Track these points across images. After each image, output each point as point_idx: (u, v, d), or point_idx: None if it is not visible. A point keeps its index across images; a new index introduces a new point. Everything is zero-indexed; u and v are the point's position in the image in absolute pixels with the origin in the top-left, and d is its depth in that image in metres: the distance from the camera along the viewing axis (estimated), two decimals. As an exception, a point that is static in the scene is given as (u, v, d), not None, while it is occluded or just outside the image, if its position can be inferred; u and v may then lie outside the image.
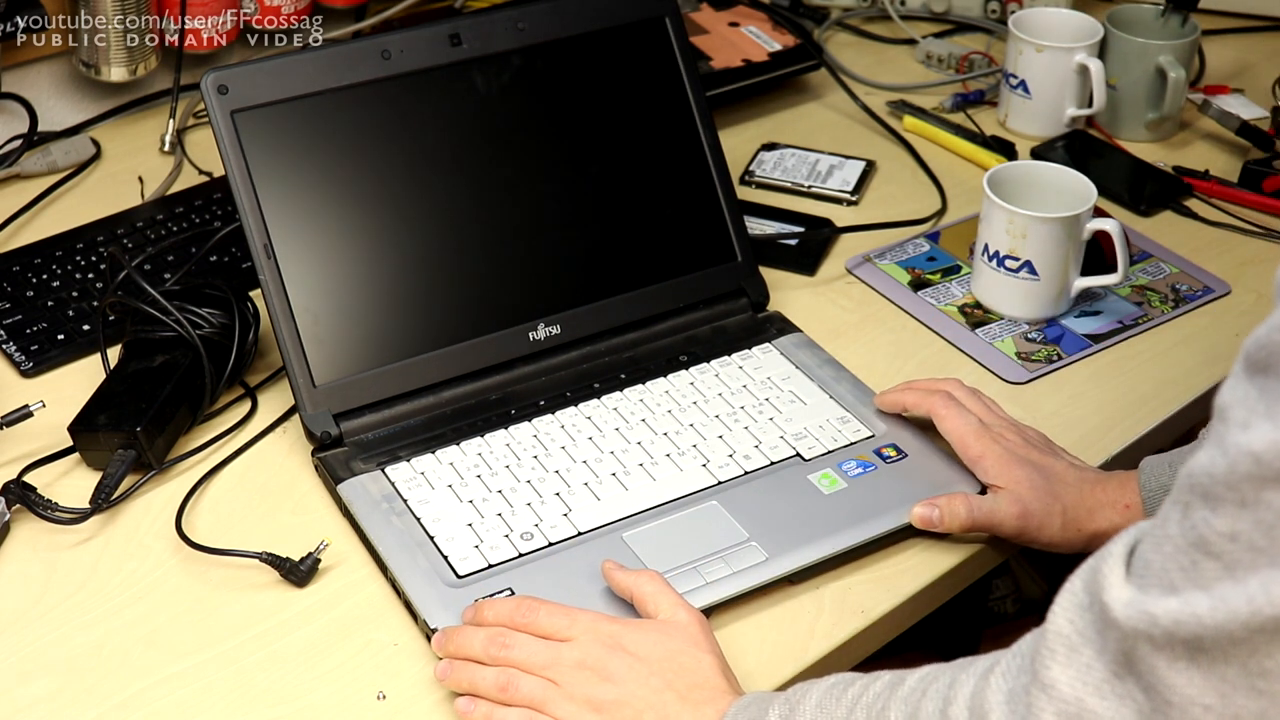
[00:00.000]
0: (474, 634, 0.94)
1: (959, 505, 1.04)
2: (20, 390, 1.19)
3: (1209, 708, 0.67)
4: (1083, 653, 0.71)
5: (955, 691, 0.77)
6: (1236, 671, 0.66)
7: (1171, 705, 0.68)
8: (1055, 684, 0.71)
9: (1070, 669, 0.71)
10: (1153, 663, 0.68)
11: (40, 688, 0.96)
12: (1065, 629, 0.72)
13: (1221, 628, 0.66)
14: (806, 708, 0.84)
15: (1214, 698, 0.67)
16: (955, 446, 1.08)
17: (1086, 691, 0.71)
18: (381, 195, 1.14)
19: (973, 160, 1.49)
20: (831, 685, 0.85)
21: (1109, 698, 0.70)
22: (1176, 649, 0.67)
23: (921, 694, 0.79)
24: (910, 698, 0.80)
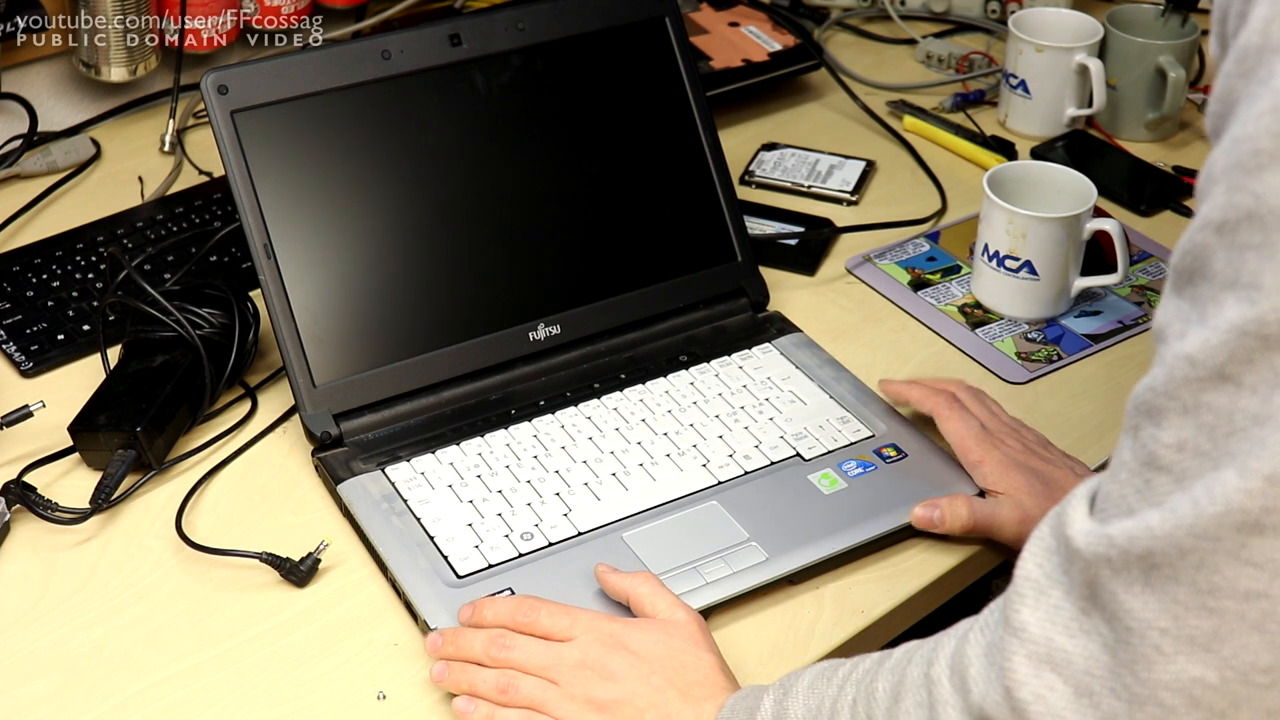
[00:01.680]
0: (474, 635, 0.94)
1: (960, 507, 1.04)
2: (20, 390, 1.19)
3: (1165, 630, 0.67)
4: (1051, 594, 0.72)
5: (937, 653, 0.78)
6: (1187, 591, 0.67)
7: (1131, 631, 0.68)
8: (1025, 627, 0.72)
9: (1039, 610, 0.72)
10: (1113, 589, 0.69)
11: (40, 688, 0.96)
12: (1033, 573, 0.73)
13: (1170, 537, 0.67)
14: (799, 690, 0.85)
15: (1168, 620, 0.67)
16: (956, 450, 1.08)
17: (1055, 630, 0.71)
18: (381, 195, 1.14)
19: (973, 160, 1.49)
20: (822, 668, 0.86)
21: (1077, 635, 0.71)
22: (1132, 570, 0.68)
23: (907, 662, 0.80)
24: (896, 667, 0.81)
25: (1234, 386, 0.66)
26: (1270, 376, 0.65)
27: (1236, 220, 0.66)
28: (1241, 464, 0.65)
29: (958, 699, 0.75)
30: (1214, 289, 0.67)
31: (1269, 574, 0.65)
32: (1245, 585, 0.66)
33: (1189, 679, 0.67)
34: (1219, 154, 0.68)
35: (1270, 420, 0.65)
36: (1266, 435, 0.65)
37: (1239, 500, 0.65)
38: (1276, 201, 0.64)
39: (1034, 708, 0.71)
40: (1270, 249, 0.65)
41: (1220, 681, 0.67)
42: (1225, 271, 0.66)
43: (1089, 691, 0.70)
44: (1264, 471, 0.64)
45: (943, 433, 1.09)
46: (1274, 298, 0.64)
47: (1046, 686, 0.71)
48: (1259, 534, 0.65)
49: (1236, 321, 0.65)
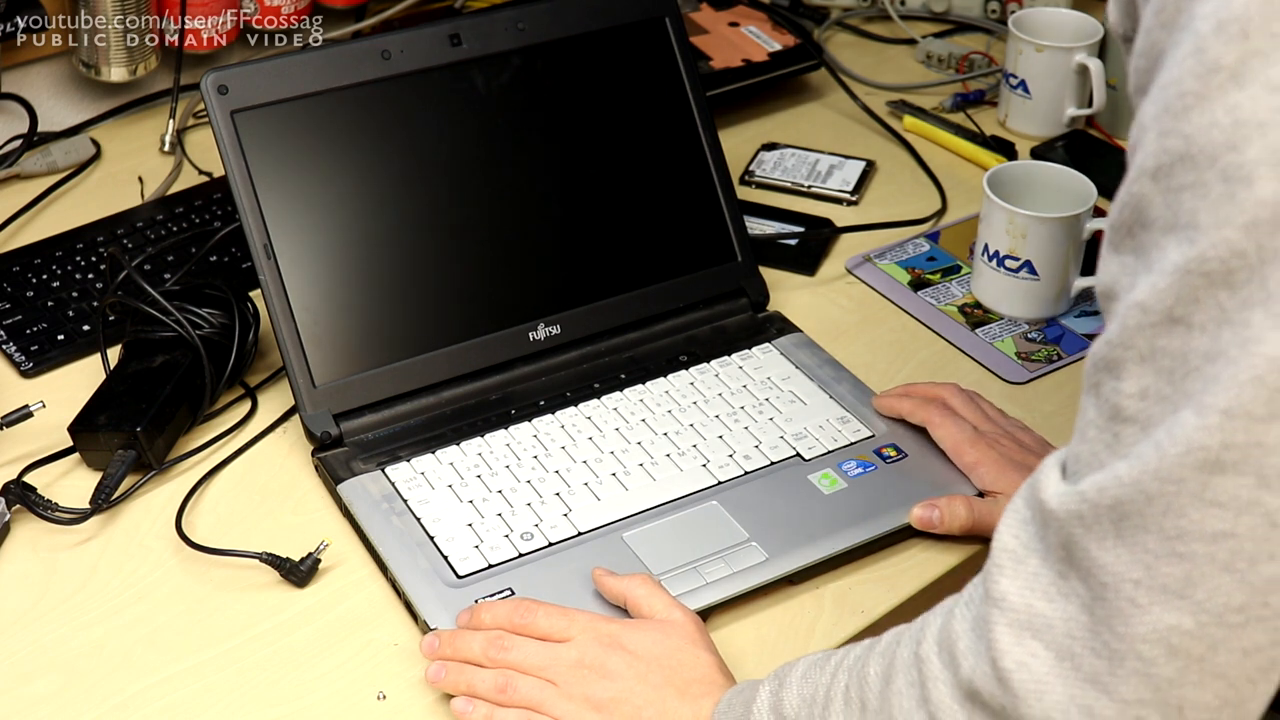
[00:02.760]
0: (472, 637, 0.94)
1: (959, 507, 1.04)
2: (20, 390, 1.19)
3: (1138, 582, 0.68)
4: (1028, 562, 0.73)
5: (925, 632, 0.79)
6: (1156, 539, 0.67)
7: (1106, 587, 0.69)
8: (1005, 596, 0.73)
9: (1018, 579, 0.73)
10: (1086, 546, 0.69)
11: (40, 688, 0.96)
12: (1010, 543, 0.74)
13: (1137, 484, 0.67)
14: (793, 680, 0.86)
15: (1140, 571, 0.68)
16: (950, 455, 1.09)
17: (1034, 597, 0.72)
18: (381, 195, 1.14)
19: (973, 160, 1.49)
20: (815, 658, 0.87)
21: (1055, 599, 0.71)
22: (1103, 524, 0.69)
23: (896, 644, 0.81)
24: (886, 651, 0.81)
25: (1185, 328, 0.67)
26: (1216, 313, 0.66)
27: (1170, 163, 0.67)
28: (1198, 402, 0.66)
29: (948, 674, 0.76)
30: (1155, 235, 0.68)
31: (1233, 512, 0.66)
32: (1212, 526, 0.66)
33: (1165, 628, 0.68)
34: (1148, 104, 0.69)
35: (1220, 356, 0.65)
36: (1218, 371, 0.65)
37: (1199, 438, 0.66)
38: (1205, 140, 0.65)
39: (1017, 676, 0.72)
40: (1203, 187, 0.66)
41: (1196, 626, 0.67)
42: (1164, 216, 0.67)
43: (1070, 654, 0.70)
44: (1219, 407, 0.65)
45: (936, 439, 1.10)
46: (1211, 234, 0.65)
47: (1029, 654, 0.72)
48: (1220, 472, 0.66)
49: (1179, 262, 0.66)
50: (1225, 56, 0.65)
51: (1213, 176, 0.65)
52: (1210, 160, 0.65)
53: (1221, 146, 0.65)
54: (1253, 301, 0.65)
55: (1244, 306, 0.65)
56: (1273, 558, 0.66)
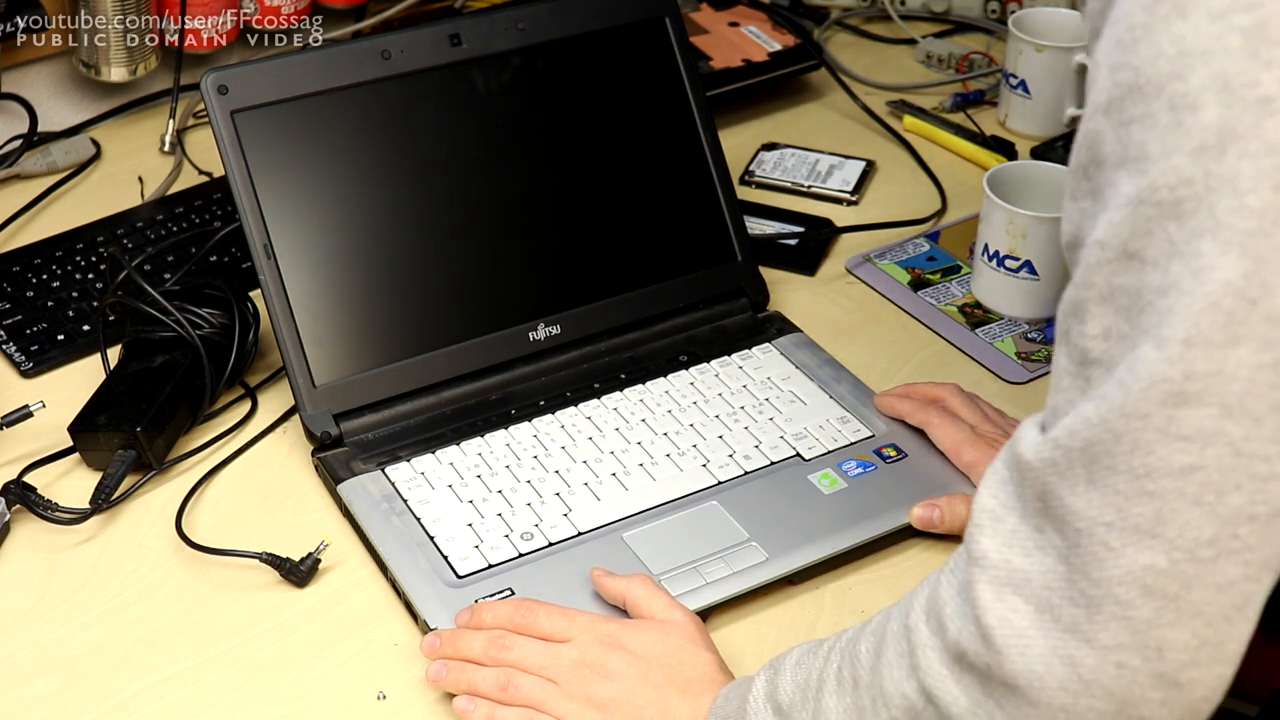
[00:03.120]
0: (473, 636, 0.94)
1: (959, 506, 1.04)
2: (20, 390, 1.19)
3: (1110, 525, 0.69)
4: (1007, 520, 0.73)
5: (912, 603, 0.79)
6: (1125, 478, 0.68)
7: (1080, 533, 0.69)
8: (985, 554, 0.74)
9: (997, 537, 0.73)
10: (1060, 493, 0.70)
11: (41, 687, 0.96)
12: (989, 504, 0.75)
13: (1104, 423, 0.68)
14: (787, 668, 0.86)
15: (1112, 513, 0.68)
16: (949, 455, 1.09)
17: (1013, 553, 0.73)
18: (381, 195, 1.14)
19: (973, 160, 1.49)
20: (809, 645, 0.87)
21: (1033, 553, 0.72)
22: (1076, 468, 0.69)
23: (885, 619, 0.82)
24: (876, 629, 0.82)
25: (1139, 263, 0.67)
26: (1166, 245, 0.66)
27: (1120, 97, 0.68)
28: (1156, 335, 0.66)
29: (936, 640, 0.76)
30: (1109, 171, 0.69)
31: (1199, 444, 0.66)
32: (1179, 461, 0.67)
33: (1140, 568, 0.68)
34: (1101, 42, 0.69)
35: (1173, 288, 0.66)
36: (1173, 303, 0.66)
37: (1161, 370, 0.66)
38: (1152, 70, 0.66)
39: (999, 631, 0.72)
40: (1153, 118, 0.66)
41: (1169, 564, 0.68)
42: (1116, 150, 0.68)
43: (1049, 606, 0.71)
44: (1178, 337, 0.66)
45: (935, 441, 1.10)
46: (1160, 163, 0.66)
47: (1010, 609, 0.72)
48: (1184, 404, 0.66)
49: (1131, 194, 0.67)
50: None
51: (1160, 106, 0.66)
52: (1157, 90, 0.66)
53: (1167, 76, 0.66)
54: (1201, 230, 0.65)
55: (1193, 236, 0.65)
56: (1239, 488, 0.67)
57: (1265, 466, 0.66)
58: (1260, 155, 0.64)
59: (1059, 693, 0.71)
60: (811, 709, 0.83)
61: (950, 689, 0.75)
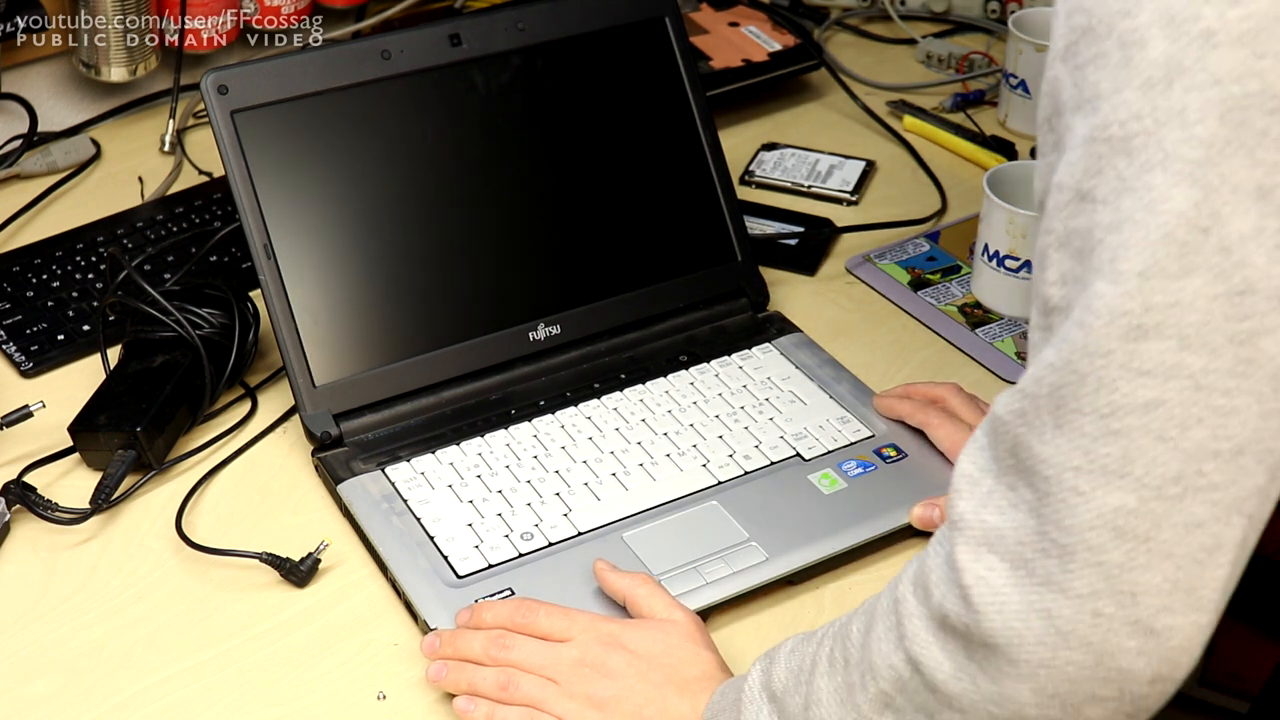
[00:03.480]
0: (473, 636, 0.94)
1: None
2: (20, 390, 1.19)
3: (1079, 469, 0.69)
4: (982, 483, 0.74)
5: (901, 578, 0.80)
6: (1091, 420, 0.68)
7: (1049, 480, 0.70)
8: (963, 517, 0.74)
9: (973, 500, 0.74)
10: (1029, 443, 0.71)
11: (41, 687, 0.96)
12: (967, 469, 0.75)
13: (1068, 364, 0.68)
14: (781, 657, 0.86)
15: (1080, 456, 0.69)
16: (949, 456, 1.09)
17: (987, 512, 0.73)
18: (381, 195, 1.14)
19: (973, 160, 1.49)
20: (803, 635, 0.88)
21: (1006, 510, 0.72)
22: (1043, 415, 0.70)
23: (875, 599, 0.82)
24: (867, 609, 0.82)
25: (1091, 204, 0.68)
26: (1116, 183, 0.67)
27: (1075, 41, 0.69)
28: (1111, 271, 0.67)
29: (921, 608, 0.77)
30: (1067, 118, 0.70)
31: (1160, 378, 0.67)
32: (1142, 396, 0.67)
33: (1110, 510, 0.68)
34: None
35: (1126, 222, 0.67)
36: (1126, 237, 0.67)
37: (1119, 304, 0.67)
38: (1104, 10, 0.68)
39: (976, 590, 0.73)
40: (1104, 58, 0.68)
41: (1139, 503, 0.68)
42: (1073, 95, 0.69)
43: (1023, 561, 0.71)
44: (1135, 270, 0.66)
45: (935, 442, 1.10)
46: (1112, 99, 0.67)
47: (986, 568, 0.73)
48: (1144, 338, 0.67)
49: (1085, 134, 0.68)
50: None
51: (1111, 45, 0.67)
52: (1108, 29, 0.67)
53: (1117, 14, 0.67)
54: (1152, 163, 0.66)
55: (1143, 170, 0.66)
56: (1200, 421, 0.67)
57: (1225, 400, 0.67)
58: (1206, 87, 0.65)
59: (1037, 647, 0.71)
60: (805, 692, 0.83)
61: (935, 655, 0.75)
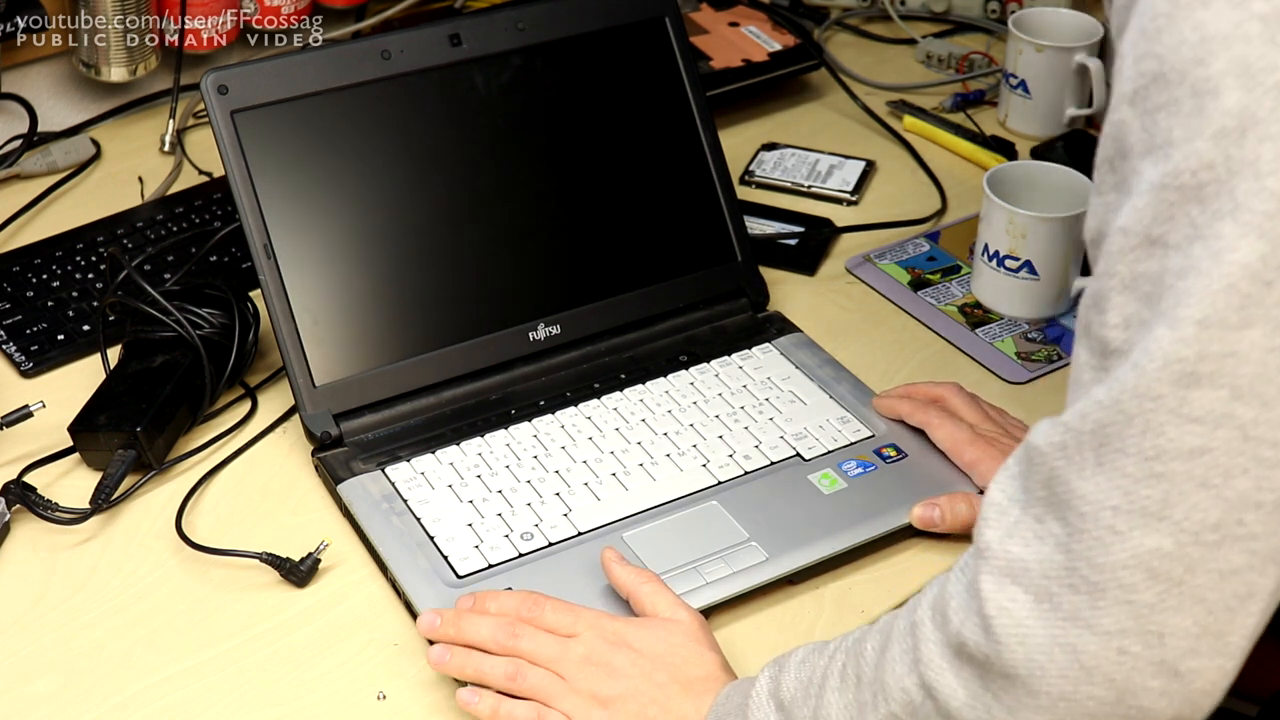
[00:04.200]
0: (480, 620, 0.94)
1: (960, 505, 1.04)
2: (20, 390, 1.19)
3: (1117, 509, 0.69)
4: (1010, 512, 0.74)
5: (920, 601, 0.80)
6: (1135, 461, 0.68)
7: (1085, 518, 0.70)
8: (989, 546, 0.74)
9: (999, 529, 0.74)
10: (1066, 478, 0.71)
11: (41, 687, 0.96)
12: (997, 497, 0.76)
13: (1116, 404, 0.69)
14: (791, 666, 0.86)
15: (1120, 497, 0.69)
16: (950, 455, 1.09)
17: (1013, 543, 0.73)
18: (381, 195, 1.14)
19: (973, 160, 1.49)
20: (814, 645, 0.88)
21: (1032, 543, 0.73)
22: (1085, 452, 0.70)
23: (892, 619, 0.82)
24: (883, 627, 0.82)
25: (1161, 249, 0.68)
26: (1189, 230, 0.67)
27: (1145, 85, 0.69)
28: (1171, 316, 0.67)
29: (938, 633, 0.77)
30: (1134, 161, 0.70)
31: (1209, 426, 0.67)
32: (1189, 443, 0.67)
33: (1146, 551, 0.68)
34: (1126, 35, 0.71)
35: (1192, 270, 0.67)
36: (1190, 285, 0.66)
37: (1174, 351, 0.67)
38: (1176, 58, 0.67)
39: (999, 622, 0.73)
40: (1176, 104, 0.67)
41: (1175, 547, 0.68)
42: (1141, 139, 0.69)
43: (1048, 595, 0.71)
44: (1194, 318, 0.66)
45: (935, 442, 1.10)
46: (1184, 148, 0.67)
47: (1009, 599, 0.73)
48: (1196, 385, 0.67)
49: (1155, 180, 0.68)
50: None
51: (1183, 92, 0.67)
52: (1181, 77, 0.67)
53: (1190, 62, 0.67)
54: (1222, 213, 0.66)
55: (1215, 219, 0.66)
56: (1246, 472, 0.67)
57: (1272, 452, 0.67)
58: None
59: (1059, 680, 0.71)
60: (813, 705, 0.83)
61: (949, 682, 0.75)
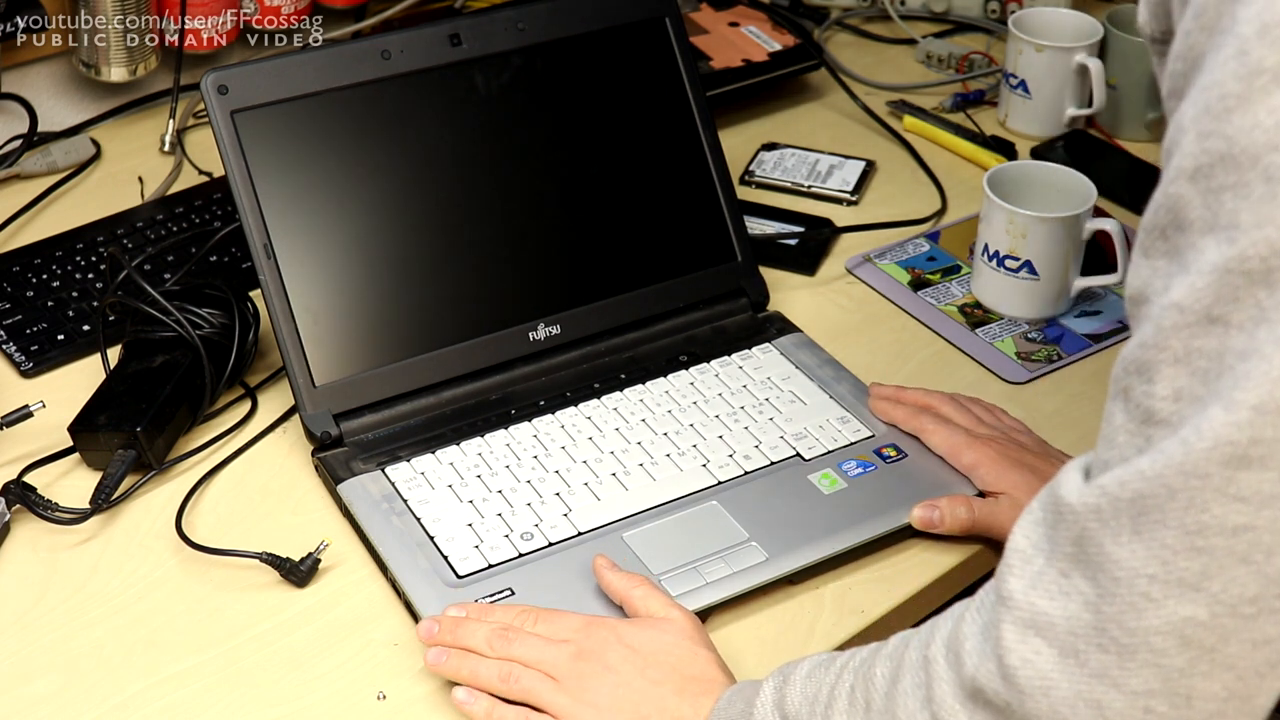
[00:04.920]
0: (476, 626, 0.95)
1: (960, 507, 1.04)
2: (20, 390, 1.19)
3: (1153, 577, 0.68)
4: (1035, 561, 0.74)
5: (934, 635, 0.79)
6: (1175, 534, 0.68)
7: (1119, 582, 0.69)
8: (1012, 595, 0.74)
9: (1024, 579, 0.74)
10: (1100, 541, 0.70)
11: (41, 688, 0.96)
12: (1021, 544, 0.75)
13: (1160, 478, 0.68)
14: (797, 679, 0.86)
15: (1157, 566, 0.68)
16: (948, 460, 1.09)
17: (1037, 595, 0.73)
18: (381, 195, 1.14)
19: (973, 160, 1.49)
20: (820, 658, 0.87)
21: (1057, 597, 0.72)
22: (1121, 519, 0.69)
23: (904, 646, 0.81)
24: (894, 653, 0.82)
25: (1223, 327, 0.67)
26: (1255, 311, 0.66)
27: (1210, 164, 0.67)
28: (1228, 398, 0.66)
29: (951, 674, 0.76)
30: (1193, 236, 0.68)
31: (1255, 506, 0.66)
32: (1233, 521, 0.67)
33: (1180, 620, 0.68)
34: (1187, 106, 0.69)
35: (1255, 353, 0.66)
36: (1251, 368, 0.66)
37: (1226, 434, 0.66)
38: (1247, 141, 0.66)
39: (1022, 673, 0.72)
40: (1245, 187, 0.66)
41: (1210, 617, 0.68)
42: (1203, 217, 0.68)
43: (1074, 651, 0.71)
44: (1250, 403, 0.66)
45: (931, 448, 1.10)
46: (1252, 233, 0.66)
47: (1033, 651, 0.72)
48: (1246, 467, 0.66)
49: (1219, 262, 0.67)
50: (1268, 59, 0.65)
51: (1255, 177, 0.66)
52: (1253, 160, 0.66)
53: (1264, 147, 0.65)
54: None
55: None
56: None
57: None
58: None
59: None
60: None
61: None
